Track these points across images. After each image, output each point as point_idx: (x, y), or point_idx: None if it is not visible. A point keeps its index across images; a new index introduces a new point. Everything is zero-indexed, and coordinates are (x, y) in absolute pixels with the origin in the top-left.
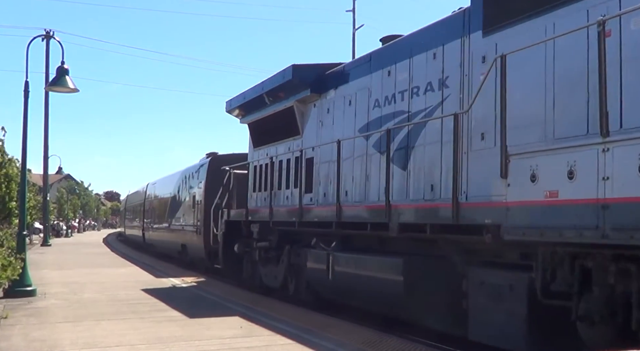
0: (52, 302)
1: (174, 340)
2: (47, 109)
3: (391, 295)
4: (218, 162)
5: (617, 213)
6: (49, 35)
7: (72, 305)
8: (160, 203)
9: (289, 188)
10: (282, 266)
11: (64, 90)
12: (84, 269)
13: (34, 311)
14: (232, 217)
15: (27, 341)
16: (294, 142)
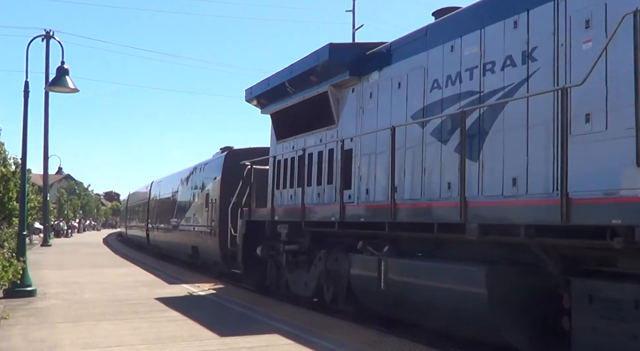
0: (52, 302)
1: (174, 340)
2: (47, 109)
3: (470, 311)
4: (234, 157)
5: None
6: (49, 35)
7: (72, 306)
8: (168, 202)
9: (320, 184)
10: (316, 272)
11: (64, 90)
12: (84, 269)
13: (34, 311)
14: (254, 216)
15: (27, 341)
16: (327, 133)
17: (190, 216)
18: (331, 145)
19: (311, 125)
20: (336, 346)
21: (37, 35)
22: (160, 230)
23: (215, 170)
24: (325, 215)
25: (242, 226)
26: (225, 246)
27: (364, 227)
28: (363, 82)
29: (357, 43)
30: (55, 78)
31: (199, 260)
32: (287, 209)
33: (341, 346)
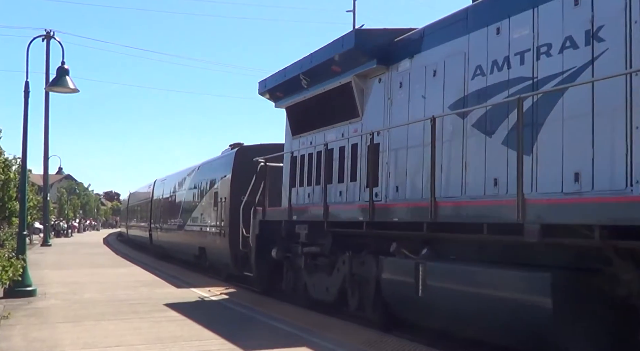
0: (53, 302)
1: (174, 340)
2: (47, 109)
3: (528, 324)
4: (246, 154)
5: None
6: (49, 35)
7: (72, 306)
8: (172, 201)
9: (342, 182)
10: (339, 276)
11: (64, 90)
12: (84, 269)
13: (34, 311)
14: (268, 216)
15: (27, 341)
16: (350, 126)
17: (197, 216)
18: (354, 140)
19: (332, 118)
20: (336, 346)
21: (38, 35)
22: (164, 230)
23: (224, 168)
24: (352, 215)
25: (255, 226)
26: (236, 247)
27: (396, 227)
28: (392, 71)
29: (385, 29)
30: (55, 78)
31: (207, 261)
32: (307, 208)
33: (341, 346)
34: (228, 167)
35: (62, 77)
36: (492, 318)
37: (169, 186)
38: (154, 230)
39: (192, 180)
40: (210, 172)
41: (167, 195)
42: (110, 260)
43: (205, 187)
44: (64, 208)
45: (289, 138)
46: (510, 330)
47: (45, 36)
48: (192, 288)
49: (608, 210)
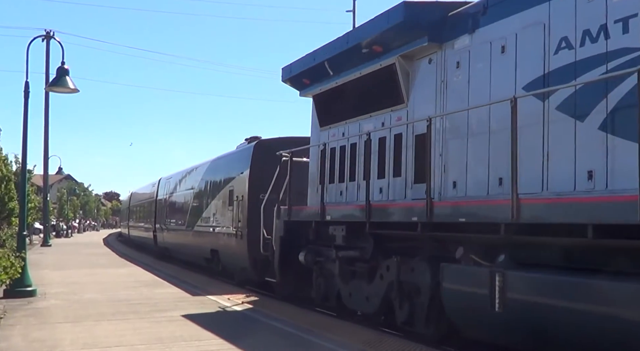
0: (52, 302)
1: (174, 340)
2: (47, 109)
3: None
4: (265, 148)
5: None
6: (49, 35)
7: (72, 306)
8: (180, 200)
9: (383, 177)
10: (382, 284)
11: (64, 90)
12: (84, 269)
13: (34, 311)
14: (295, 216)
15: (27, 341)
16: (393, 114)
17: (208, 216)
18: (398, 130)
19: (369, 106)
20: (336, 346)
21: (37, 36)
22: (171, 231)
23: (241, 163)
24: (402, 215)
25: (279, 227)
26: (255, 250)
27: (454, 229)
28: (446, 49)
29: (436, 1)
30: (55, 78)
31: (219, 265)
32: (344, 207)
33: (341, 346)
34: (245, 162)
35: (62, 77)
36: (600, 339)
37: (175, 184)
38: (158, 231)
39: (203, 177)
40: (224, 168)
41: (174, 193)
42: (111, 260)
43: (218, 185)
44: (64, 209)
45: (316, 130)
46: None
47: (45, 36)
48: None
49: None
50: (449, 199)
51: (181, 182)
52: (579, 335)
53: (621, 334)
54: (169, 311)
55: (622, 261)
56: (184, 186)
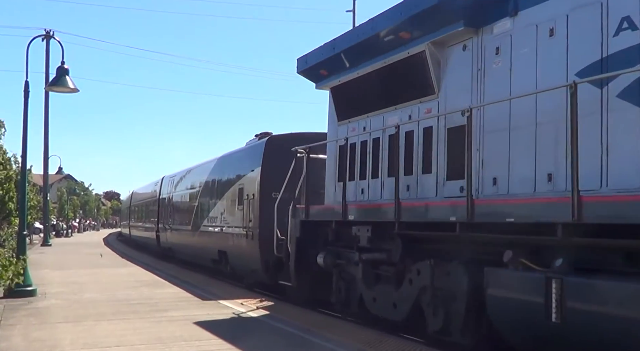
0: (53, 302)
1: (174, 340)
2: (47, 109)
3: None
4: (277, 144)
5: None
6: (49, 35)
7: (72, 305)
8: (185, 199)
9: (411, 173)
10: (411, 289)
11: (64, 90)
12: (84, 269)
13: (34, 311)
14: (313, 215)
15: (27, 341)
16: (421, 106)
17: (216, 215)
18: (428, 122)
19: (394, 98)
20: (336, 346)
21: (37, 35)
22: (175, 231)
23: (252, 160)
24: (439, 214)
25: (295, 227)
26: (268, 251)
27: (498, 230)
28: (483, 34)
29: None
30: (55, 78)
31: (228, 267)
32: (367, 207)
33: (341, 346)
34: (256, 159)
35: (62, 77)
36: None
37: (180, 183)
38: (162, 231)
39: (210, 175)
40: (232, 165)
41: (178, 192)
42: (111, 260)
43: (226, 183)
44: (64, 208)
45: (333, 124)
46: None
47: (45, 36)
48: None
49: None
50: (490, 197)
51: (186, 180)
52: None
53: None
54: (168, 311)
55: None
56: (189, 185)
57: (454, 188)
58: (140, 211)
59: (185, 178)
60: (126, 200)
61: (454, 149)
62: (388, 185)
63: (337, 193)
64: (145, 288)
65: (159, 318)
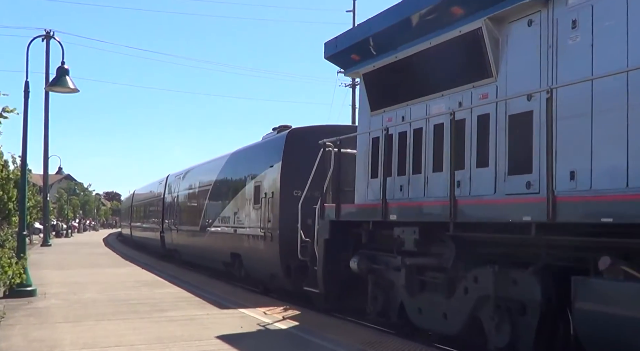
0: (52, 302)
1: (174, 340)
2: (47, 109)
3: None
4: (299, 138)
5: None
6: (49, 35)
7: (72, 305)
8: (193, 198)
9: (462, 167)
10: (467, 299)
11: (64, 90)
12: (84, 269)
13: (34, 311)
14: (345, 215)
15: (27, 341)
16: (475, 92)
17: (228, 215)
18: (484, 109)
19: (442, 83)
20: (336, 346)
21: (37, 35)
22: (181, 232)
23: (271, 155)
24: (506, 213)
25: (323, 228)
26: (289, 254)
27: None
28: (555, 7)
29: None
30: (55, 78)
31: (242, 271)
32: (413, 205)
33: (341, 346)
34: (276, 154)
35: (62, 77)
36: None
37: (187, 181)
38: (166, 232)
39: (221, 172)
40: (247, 161)
41: (185, 191)
42: (111, 260)
43: (240, 180)
44: (64, 209)
45: (365, 115)
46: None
47: (45, 36)
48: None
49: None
50: (564, 193)
51: (194, 178)
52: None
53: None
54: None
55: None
56: (197, 183)
57: (518, 184)
58: (142, 211)
59: (193, 176)
60: (127, 200)
61: (518, 139)
62: (433, 181)
63: (371, 190)
64: (145, 287)
65: (158, 318)
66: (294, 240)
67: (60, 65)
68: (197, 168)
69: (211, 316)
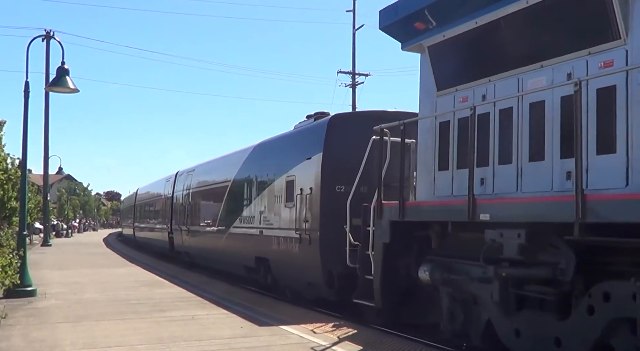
0: (52, 302)
1: (174, 340)
2: (47, 109)
3: None
4: (343, 125)
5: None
6: (49, 35)
7: (72, 306)
8: (207, 196)
9: (570, 155)
10: (593, 321)
11: (64, 90)
12: (84, 269)
13: (34, 311)
14: (413, 214)
15: (27, 341)
16: (591, 59)
17: (252, 214)
18: (608, 81)
19: (541, 51)
20: (336, 346)
21: (37, 35)
22: (194, 233)
23: (308, 146)
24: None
25: (382, 231)
26: (333, 260)
27: None
28: None
29: None
30: (55, 78)
31: (268, 277)
32: (518, 201)
33: (341, 346)
34: (316, 144)
35: (62, 77)
36: None
37: (200, 178)
38: (176, 233)
39: (243, 167)
40: (277, 154)
41: (199, 188)
42: (111, 260)
43: (267, 175)
44: (64, 209)
45: (429, 96)
46: None
47: (45, 36)
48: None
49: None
50: None
51: (209, 174)
52: None
53: None
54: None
55: None
56: (214, 179)
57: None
58: (147, 210)
59: (208, 172)
60: (129, 199)
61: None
62: (529, 172)
63: (438, 185)
64: (145, 287)
65: (158, 318)
66: (337, 243)
67: (60, 65)
68: (212, 164)
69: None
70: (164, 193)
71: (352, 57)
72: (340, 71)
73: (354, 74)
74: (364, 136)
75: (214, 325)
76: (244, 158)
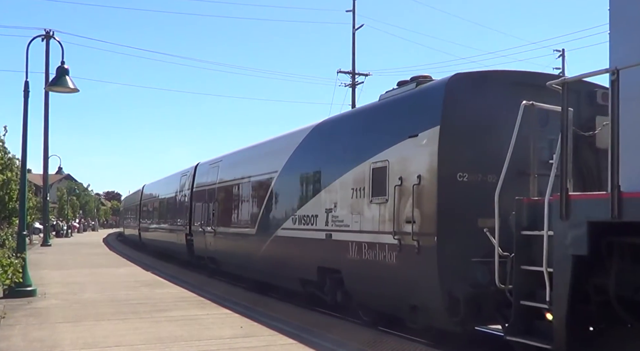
0: (52, 302)
1: (174, 340)
2: (47, 109)
3: None
4: (467, 89)
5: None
6: (49, 35)
7: (72, 306)
8: (243, 191)
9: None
10: None
11: (64, 90)
12: (84, 269)
13: (34, 311)
14: (635, 210)
15: (27, 341)
16: None
17: (314, 213)
18: None
19: None
20: (336, 346)
21: (37, 35)
22: (222, 235)
23: (411, 119)
24: None
25: (574, 236)
26: (458, 277)
27: None
28: None
29: None
30: (55, 78)
31: (338, 294)
32: None
33: (341, 346)
34: (425, 115)
35: (62, 77)
36: None
37: (231, 170)
38: (197, 235)
39: (295, 154)
40: (352, 134)
41: (228, 183)
42: (110, 260)
43: (338, 163)
44: (64, 208)
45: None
46: None
47: (45, 36)
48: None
49: None
50: None
51: (242, 166)
52: None
53: None
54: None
55: None
56: (249, 171)
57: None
58: (157, 208)
59: (242, 163)
60: (132, 197)
61: None
62: None
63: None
64: (145, 287)
65: (158, 318)
66: (462, 253)
67: (60, 65)
68: (247, 153)
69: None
70: (180, 189)
71: (352, 57)
72: (340, 71)
73: (353, 73)
74: (498, 105)
75: (214, 325)
76: (297, 144)
